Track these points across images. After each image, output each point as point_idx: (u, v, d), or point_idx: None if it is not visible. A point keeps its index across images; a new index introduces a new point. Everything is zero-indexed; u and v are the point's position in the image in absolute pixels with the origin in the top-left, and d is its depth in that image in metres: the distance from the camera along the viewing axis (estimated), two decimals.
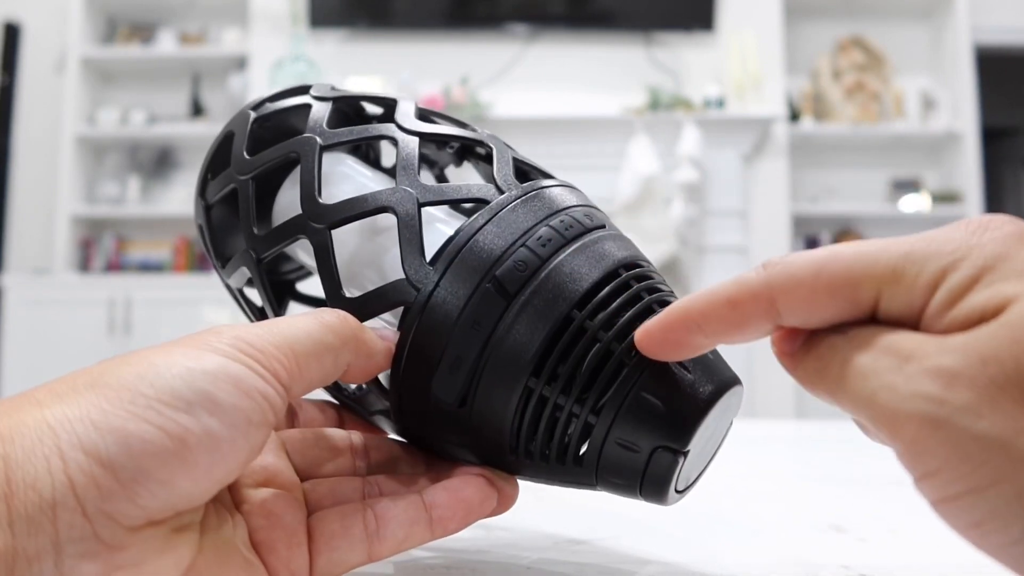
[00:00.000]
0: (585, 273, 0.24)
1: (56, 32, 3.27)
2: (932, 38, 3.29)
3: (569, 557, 0.31)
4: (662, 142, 2.86)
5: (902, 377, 0.16)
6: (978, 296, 0.17)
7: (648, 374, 0.23)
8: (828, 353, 0.19)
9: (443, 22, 3.12)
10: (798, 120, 3.13)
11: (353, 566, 0.23)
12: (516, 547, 0.32)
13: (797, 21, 3.19)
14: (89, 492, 0.17)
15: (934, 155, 3.27)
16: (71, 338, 2.89)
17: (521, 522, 0.35)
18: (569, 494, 0.27)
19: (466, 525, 0.24)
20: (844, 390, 0.18)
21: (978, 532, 0.15)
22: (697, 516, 0.37)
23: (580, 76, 3.08)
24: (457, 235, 0.25)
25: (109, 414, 0.18)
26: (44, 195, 3.25)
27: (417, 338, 0.24)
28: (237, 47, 3.22)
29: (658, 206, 2.77)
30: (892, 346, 0.17)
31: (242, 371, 0.20)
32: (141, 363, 0.19)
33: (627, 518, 0.36)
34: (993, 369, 0.15)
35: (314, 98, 0.31)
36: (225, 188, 0.30)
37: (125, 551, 0.18)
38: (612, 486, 0.24)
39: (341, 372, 0.23)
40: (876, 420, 0.17)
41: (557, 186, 0.27)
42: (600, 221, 0.26)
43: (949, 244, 0.18)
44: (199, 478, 0.19)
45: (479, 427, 0.24)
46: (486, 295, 0.23)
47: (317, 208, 0.26)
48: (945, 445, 0.15)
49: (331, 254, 0.26)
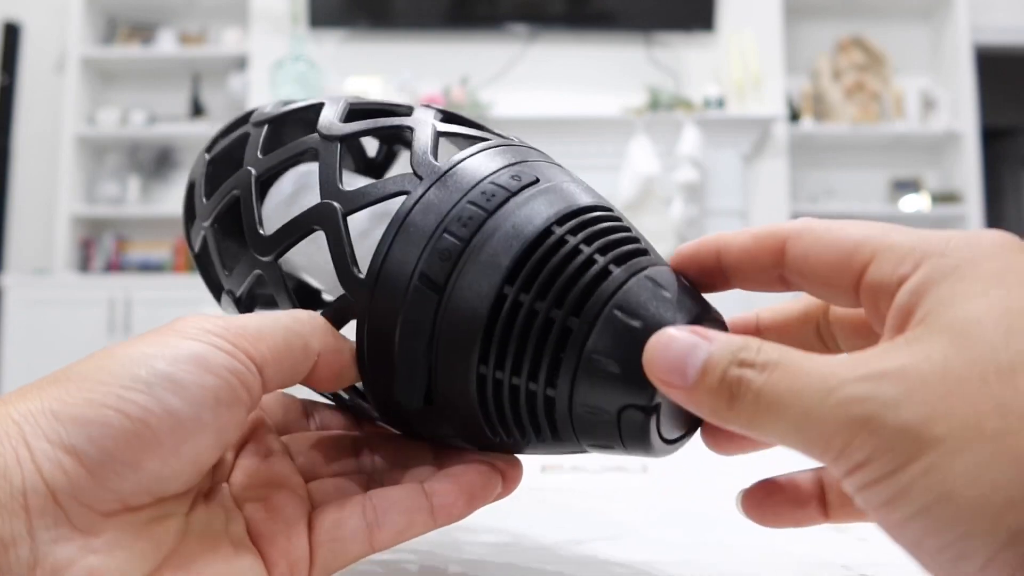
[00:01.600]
0: (511, 244, 0.23)
1: (56, 32, 3.27)
2: (932, 38, 3.29)
3: (569, 557, 0.31)
4: (662, 142, 2.86)
5: (829, 391, 0.17)
6: (940, 291, 0.18)
7: (597, 334, 0.21)
8: (738, 388, 0.18)
9: (443, 22, 3.12)
10: (798, 120, 3.13)
11: (355, 556, 0.23)
12: (516, 547, 0.32)
13: (797, 21, 3.19)
14: (58, 479, 0.18)
15: (934, 155, 3.27)
16: (71, 338, 2.89)
17: (521, 523, 0.35)
18: (568, 495, 0.27)
19: (470, 511, 0.24)
20: (763, 420, 0.18)
21: (886, 510, 0.17)
22: (697, 516, 0.37)
23: (580, 76, 3.08)
24: (383, 238, 0.24)
25: (68, 404, 0.18)
26: (44, 195, 3.25)
27: (369, 347, 0.24)
28: (237, 47, 3.22)
29: (658, 206, 2.77)
30: (812, 371, 0.18)
31: (206, 349, 0.20)
32: (103, 356, 0.20)
33: (627, 519, 0.36)
34: (923, 366, 0.16)
35: (253, 125, 0.31)
36: (199, 238, 0.32)
37: (100, 535, 0.18)
38: (600, 448, 0.23)
39: (311, 362, 0.23)
40: (804, 443, 0.18)
41: (478, 152, 0.26)
42: (530, 177, 0.25)
43: (948, 235, 0.19)
44: (166, 458, 0.19)
45: (454, 418, 0.24)
46: (417, 293, 0.23)
47: (258, 240, 0.27)
48: (872, 438, 0.16)
49: (283, 282, 0.27)
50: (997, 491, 0.15)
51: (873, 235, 0.20)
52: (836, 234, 0.21)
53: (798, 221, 0.22)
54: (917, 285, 0.18)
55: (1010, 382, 0.16)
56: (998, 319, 0.16)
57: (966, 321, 0.17)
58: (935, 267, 0.18)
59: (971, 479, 0.15)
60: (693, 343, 0.19)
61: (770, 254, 0.22)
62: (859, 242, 0.20)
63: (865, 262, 0.20)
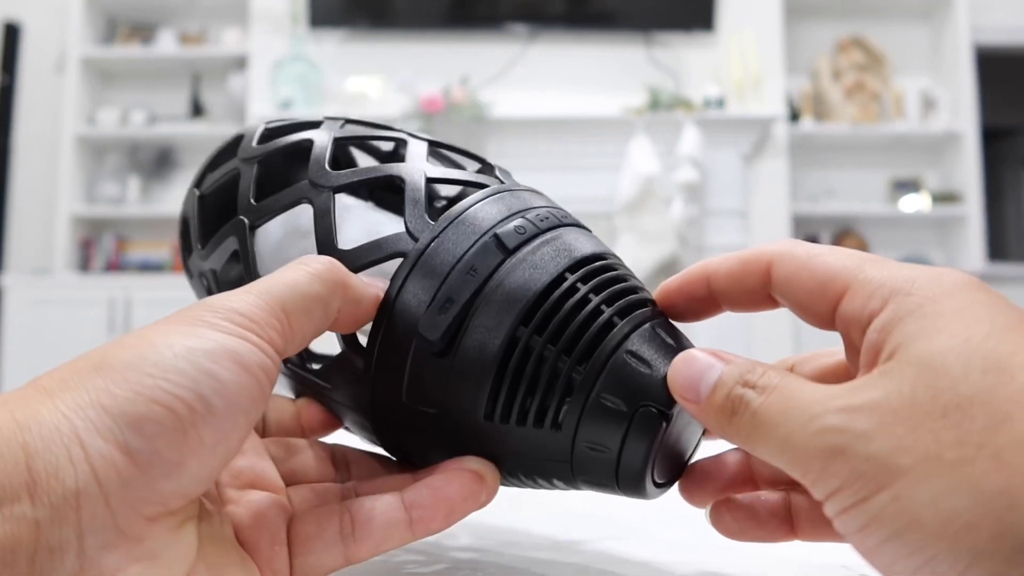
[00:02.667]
0: (582, 241, 0.26)
1: (56, 32, 3.27)
2: (932, 38, 3.29)
3: (568, 558, 0.31)
4: (662, 142, 2.86)
5: (810, 418, 0.19)
6: (906, 328, 0.19)
7: (636, 336, 0.24)
8: (740, 407, 0.21)
9: (443, 22, 3.12)
10: (798, 120, 3.13)
11: (330, 569, 0.23)
12: (516, 547, 0.32)
13: (797, 21, 3.19)
14: (111, 479, 0.17)
15: (934, 155, 3.27)
16: (71, 338, 2.89)
17: (520, 523, 0.35)
18: (568, 495, 0.27)
19: (450, 524, 0.23)
20: (756, 438, 0.20)
21: (861, 535, 0.18)
22: (697, 516, 0.37)
23: (580, 76, 3.08)
24: (456, 202, 0.26)
25: (119, 398, 0.18)
26: (44, 195, 3.25)
27: (410, 282, 0.24)
28: (237, 47, 3.22)
29: (658, 206, 2.77)
30: (801, 397, 0.20)
31: (241, 346, 0.20)
32: (141, 344, 0.19)
33: (625, 520, 0.36)
34: (894, 400, 0.18)
35: (242, 161, 0.31)
36: (196, 273, 0.33)
37: (143, 542, 0.18)
38: (589, 456, 0.23)
39: (331, 321, 0.23)
40: (788, 462, 0.19)
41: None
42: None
43: (915, 272, 0.20)
44: (206, 458, 0.19)
45: (458, 384, 0.24)
46: (485, 247, 0.25)
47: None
48: (845, 466, 0.18)
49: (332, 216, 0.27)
50: (957, 516, 0.16)
51: (848, 268, 0.21)
52: (815, 263, 0.22)
53: (782, 244, 0.23)
54: (885, 322, 0.20)
55: (967, 413, 0.17)
56: (958, 353, 0.18)
57: (930, 355, 0.18)
58: (901, 305, 0.20)
59: (934, 506, 0.17)
60: (710, 363, 0.22)
61: (757, 277, 0.23)
62: (835, 274, 0.21)
63: (839, 294, 0.21)
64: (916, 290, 0.20)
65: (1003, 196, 4.53)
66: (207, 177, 0.34)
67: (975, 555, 0.16)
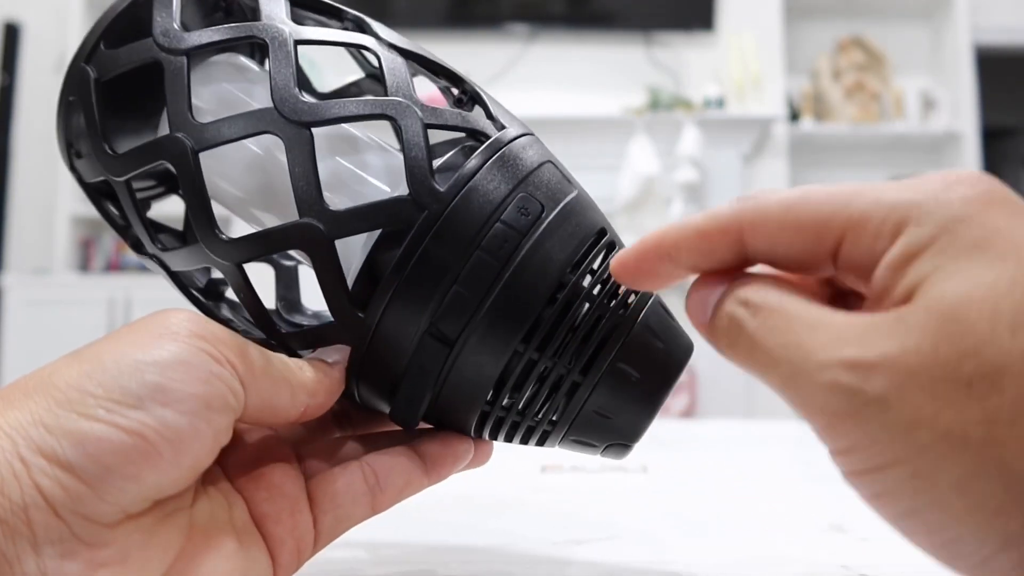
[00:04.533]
0: (527, 302, 0.23)
1: (56, 32, 3.27)
2: (932, 38, 3.29)
3: (568, 558, 0.31)
4: (662, 142, 2.86)
5: (816, 366, 0.17)
6: (923, 265, 0.17)
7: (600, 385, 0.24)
8: (735, 329, 0.19)
9: (443, 22, 3.12)
10: (798, 120, 3.13)
11: (358, 520, 0.24)
12: (516, 547, 0.32)
13: (797, 21, 3.18)
14: (57, 494, 0.17)
15: (934, 155, 3.27)
16: (71, 338, 2.88)
17: (520, 523, 0.35)
18: (568, 495, 0.27)
19: (454, 472, 0.26)
20: (759, 369, 0.19)
21: (878, 503, 0.17)
22: (697, 516, 0.37)
23: (580, 76, 3.08)
24: (383, 288, 0.23)
25: (60, 417, 0.18)
26: (44, 195, 3.24)
27: (364, 370, 0.24)
28: None
29: (658, 206, 2.77)
30: (802, 328, 0.18)
31: (194, 355, 0.20)
32: (89, 360, 0.19)
33: (627, 519, 0.36)
34: (911, 359, 0.16)
35: (164, 51, 0.25)
36: (89, 185, 0.28)
37: (107, 547, 0.18)
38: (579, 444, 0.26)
39: (297, 411, 0.23)
40: (793, 402, 0.18)
41: (480, 172, 0.24)
42: (536, 206, 0.24)
43: (919, 194, 0.18)
44: (166, 469, 0.19)
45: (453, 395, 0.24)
46: (426, 346, 0.23)
47: (217, 244, 0.24)
48: (856, 429, 0.16)
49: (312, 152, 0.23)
50: (986, 500, 0.15)
51: (838, 207, 0.18)
52: (797, 215, 0.19)
53: (748, 205, 0.20)
54: (896, 259, 0.17)
55: (996, 384, 0.15)
56: (982, 302, 0.16)
57: (952, 305, 0.16)
58: (912, 239, 0.17)
59: (959, 488, 0.15)
60: (713, 287, 0.20)
61: (728, 251, 0.20)
62: (825, 220, 0.19)
63: (836, 240, 0.19)
64: (926, 218, 0.17)
65: None
66: (101, 54, 0.26)
67: (1006, 540, 0.15)
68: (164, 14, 0.25)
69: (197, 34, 0.25)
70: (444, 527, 0.35)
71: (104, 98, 0.26)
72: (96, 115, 0.26)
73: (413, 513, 0.35)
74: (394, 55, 0.26)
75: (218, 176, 0.27)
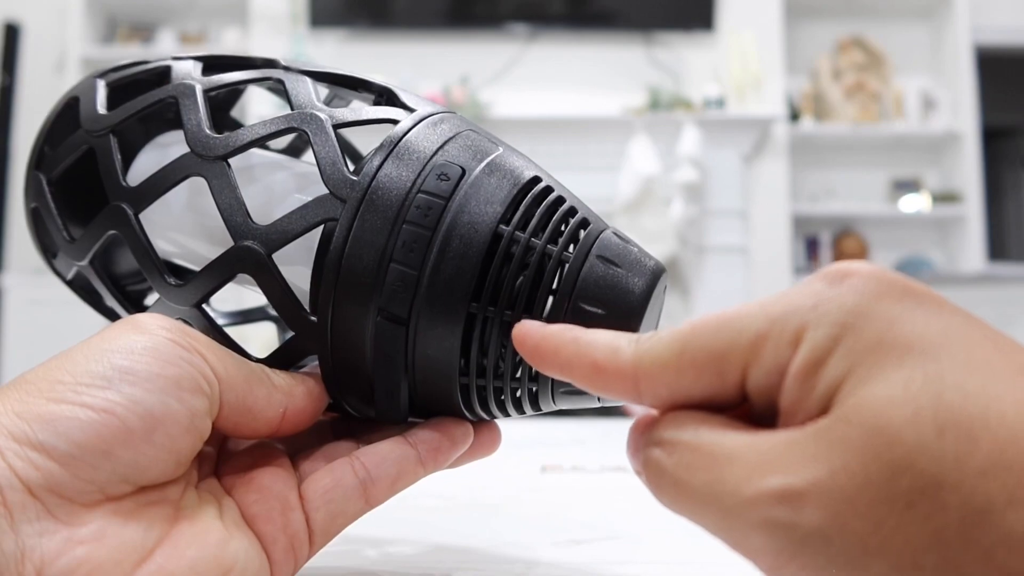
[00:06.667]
0: (466, 261, 0.23)
1: (56, 32, 3.27)
2: (932, 38, 3.29)
3: (568, 558, 0.31)
4: (662, 142, 2.86)
5: (743, 504, 0.16)
6: (831, 371, 0.16)
7: (584, 275, 0.23)
8: (655, 472, 0.18)
9: (443, 22, 3.12)
10: (798, 120, 3.13)
11: (353, 516, 0.24)
12: (516, 547, 0.32)
13: (797, 21, 3.19)
14: (31, 474, 0.18)
15: (934, 155, 3.27)
16: (71, 338, 2.86)
17: (521, 523, 0.35)
18: (568, 495, 0.27)
19: (452, 458, 0.25)
20: (689, 515, 0.17)
21: None
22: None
23: (580, 76, 3.08)
24: (325, 281, 0.23)
25: (30, 403, 0.19)
26: None
27: (334, 374, 0.24)
28: (237, 47, 3.22)
29: (658, 206, 2.77)
30: (721, 463, 0.16)
31: (163, 344, 0.21)
32: (60, 357, 0.20)
33: (625, 518, 0.36)
34: (842, 481, 0.15)
35: (91, 135, 0.28)
36: (72, 272, 0.30)
37: (84, 526, 0.18)
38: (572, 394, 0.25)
39: (275, 413, 0.23)
40: (733, 548, 0.17)
41: (391, 152, 0.24)
42: (455, 170, 0.24)
43: (809, 297, 0.17)
44: (138, 446, 0.19)
45: (429, 411, 0.25)
46: (382, 329, 0.23)
47: (170, 291, 0.25)
48: (805, 569, 0.15)
49: (232, 183, 0.24)
50: None
51: (732, 336, 0.17)
52: (692, 356, 0.18)
53: (644, 350, 0.18)
54: (802, 369, 0.16)
55: (937, 500, 0.14)
56: (902, 404, 0.15)
57: (872, 412, 0.15)
58: (815, 344, 0.16)
59: None
60: (642, 428, 0.19)
61: (625, 394, 0.19)
62: (722, 354, 0.17)
63: (740, 373, 0.17)
64: (823, 318, 0.16)
65: (1003, 196, 4.53)
66: (47, 156, 0.29)
67: None
68: (90, 104, 0.28)
69: (118, 111, 0.27)
70: (444, 527, 0.35)
71: (58, 194, 0.29)
72: (55, 213, 0.29)
73: (413, 513, 0.35)
74: (297, 76, 0.28)
75: (164, 229, 0.29)
